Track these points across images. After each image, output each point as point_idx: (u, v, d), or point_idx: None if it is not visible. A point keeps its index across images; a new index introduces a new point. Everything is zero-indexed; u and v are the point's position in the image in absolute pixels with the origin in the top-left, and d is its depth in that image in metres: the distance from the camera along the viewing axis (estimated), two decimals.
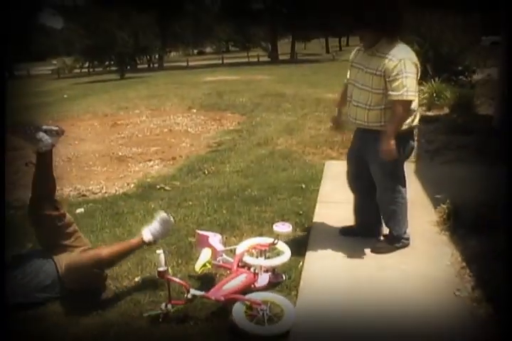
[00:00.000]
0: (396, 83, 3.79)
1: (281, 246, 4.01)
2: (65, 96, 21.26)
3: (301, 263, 4.20)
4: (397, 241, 4.38)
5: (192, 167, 7.67)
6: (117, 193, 6.67)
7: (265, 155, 8.11)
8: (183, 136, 10.39)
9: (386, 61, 3.83)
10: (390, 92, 3.83)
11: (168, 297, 3.49)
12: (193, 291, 3.48)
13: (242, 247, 3.97)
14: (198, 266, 3.62)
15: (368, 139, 4.11)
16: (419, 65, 3.91)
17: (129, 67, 35.98)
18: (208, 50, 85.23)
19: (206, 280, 3.96)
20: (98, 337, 3.37)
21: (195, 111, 13.63)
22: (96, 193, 6.75)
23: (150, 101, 16.57)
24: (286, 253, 3.92)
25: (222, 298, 3.42)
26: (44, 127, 3.80)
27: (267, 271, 3.80)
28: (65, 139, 10.61)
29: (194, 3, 49.94)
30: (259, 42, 57.77)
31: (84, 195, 6.68)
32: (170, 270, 3.47)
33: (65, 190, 6.92)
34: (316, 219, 5.15)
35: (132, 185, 6.95)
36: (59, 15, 55.12)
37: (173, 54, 64.21)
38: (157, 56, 45.83)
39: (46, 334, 3.45)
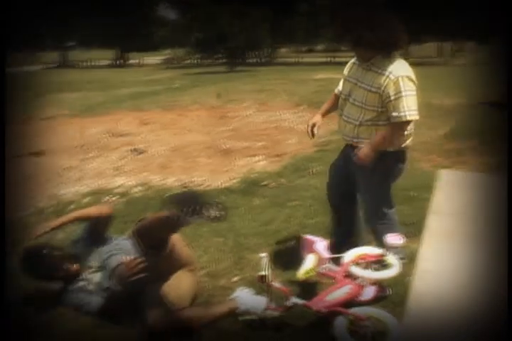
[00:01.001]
0: (397, 103, 3.60)
1: (390, 258, 3.75)
2: (176, 85, 21.64)
3: (408, 277, 3.94)
4: None
5: (298, 165, 7.49)
6: (220, 187, 6.59)
7: None
8: (289, 132, 10.21)
9: (383, 78, 3.63)
10: (392, 113, 3.63)
11: (268, 302, 3.33)
12: (293, 299, 3.30)
13: (349, 256, 3.74)
14: (301, 273, 3.46)
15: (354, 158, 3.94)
16: (416, 82, 3.69)
17: (238, 61, 36.41)
18: (318, 48, 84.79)
19: (306, 288, 3.77)
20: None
21: (302, 108, 13.41)
22: (199, 185, 6.70)
23: (258, 95, 16.51)
24: (395, 266, 3.65)
25: (325, 310, 3.22)
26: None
27: (373, 284, 3.57)
28: (171, 128, 10.80)
29: (307, 1, 49.89)
30: None
31: (187, 186, 6.64)
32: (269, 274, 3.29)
33: (169, 179, 6.92)
34: (427, 230, 4.84)
35: (236, 180, 6.85)
36: (173, 8, 56.44)
37: (282, 50, 64.36)
38: (267, 51, 46.02)
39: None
